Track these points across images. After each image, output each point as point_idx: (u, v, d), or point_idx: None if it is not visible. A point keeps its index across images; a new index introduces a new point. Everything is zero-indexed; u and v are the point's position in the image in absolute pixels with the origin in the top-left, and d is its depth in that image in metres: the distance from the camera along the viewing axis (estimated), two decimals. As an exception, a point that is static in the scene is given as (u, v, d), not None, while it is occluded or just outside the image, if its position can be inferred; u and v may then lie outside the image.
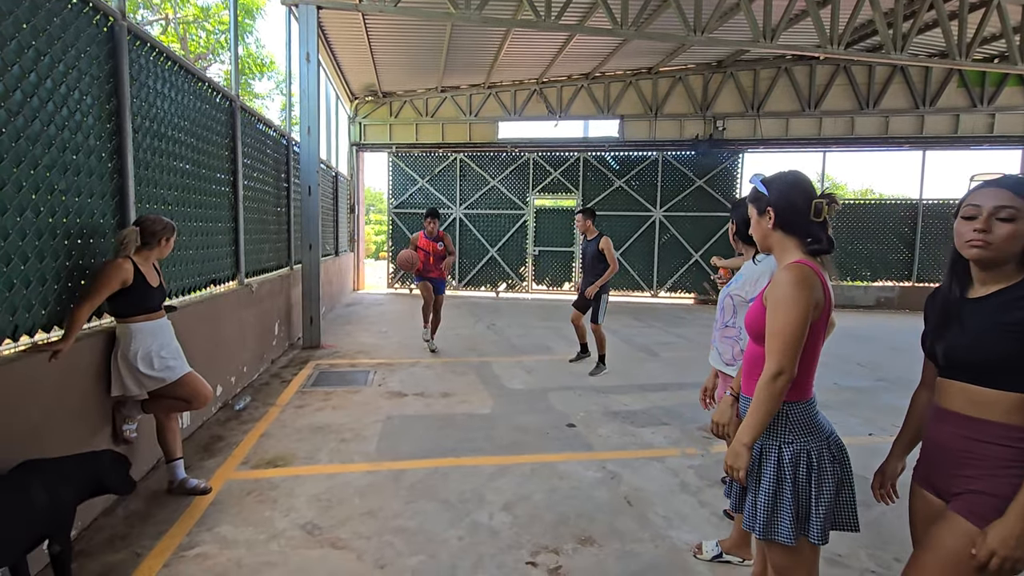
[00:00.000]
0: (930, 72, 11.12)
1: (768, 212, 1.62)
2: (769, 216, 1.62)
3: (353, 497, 2.96)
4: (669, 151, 12.13)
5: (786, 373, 1.48)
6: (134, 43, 3.16)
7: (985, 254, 1.32)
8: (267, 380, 5.23)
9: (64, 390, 2.47)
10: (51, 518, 1.95)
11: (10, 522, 1.80)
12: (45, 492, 1.93)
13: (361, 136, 12.43)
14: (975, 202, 1.35)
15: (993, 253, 1.32)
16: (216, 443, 3.68)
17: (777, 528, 1.53)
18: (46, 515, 1.93)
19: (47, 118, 2.45)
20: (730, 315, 2.46)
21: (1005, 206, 1.29)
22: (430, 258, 6.28)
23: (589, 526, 2.74)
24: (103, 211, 2.88)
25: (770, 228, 1.63)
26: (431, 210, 6.37)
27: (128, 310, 2.68)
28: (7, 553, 1.82)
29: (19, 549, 1.88)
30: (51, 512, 1.94)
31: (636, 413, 4.49)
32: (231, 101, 4.77)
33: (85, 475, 2.14)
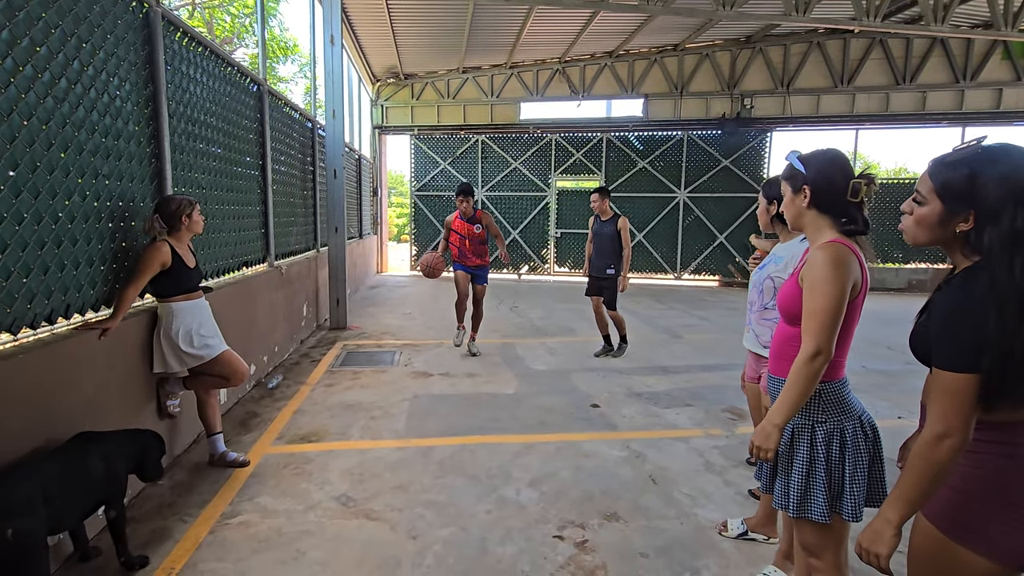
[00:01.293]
0: (972, 44, 10.63)
1: (804, 190, 1.61)
2: (804, 194, 1.60)
3: (384, 472, 3.06)
4: (694, 130, 11.89)
5: (824, 353, 1.48)
6: (168, 29, 3.22)
7: (906, 238, 1.31)
8: (297, 360, 5.38)
9: (113, 366, 2.59)
10: (107, 485, 2.08)
11: (71, 488, 1.92)
12: (101, 461, 2.06)
13: (383, 119, 12.46)
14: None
15: (908, 238, 1.30)
16: (252, 419, 3.82)
17: (811, 506, 1.55)
18: (102, 482, 2.06)
19: (90, 105, 2.53)
20: (770, 297, 2.42)
21: (918, 190, 1.26)
22: (466, 243, 5.40)
23: (614, 503, 2.79)
24: (143, 195, 2.98)
25: (804, 207, 1.61)
26: (463, 187, 5.35)
27: (168, 290, 2.79)
28: (68, 517, 1.95)
29: (79, 514, 2.02)
30: (107, 480, 2.07)
31: (660, 394, 4.50)
32: (259, 85, 4.84)
33: (133, 449, 2.27)
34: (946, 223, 1.19)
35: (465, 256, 5.45)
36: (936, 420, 1.17)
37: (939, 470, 1.16)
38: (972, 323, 1.12)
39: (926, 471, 1.17)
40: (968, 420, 1.14)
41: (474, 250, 5.43)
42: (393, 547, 2.38)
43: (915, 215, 1.25)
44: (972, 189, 1.14)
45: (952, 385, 1.15)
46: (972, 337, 1.12)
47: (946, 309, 1.18)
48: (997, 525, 1.17)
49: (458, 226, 5.45)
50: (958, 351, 1.14)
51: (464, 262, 5.46)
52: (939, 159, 1.23)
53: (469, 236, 5.42)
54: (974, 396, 1.13)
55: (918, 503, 1.20)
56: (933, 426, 1.17)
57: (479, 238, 5.42)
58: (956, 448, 1.14)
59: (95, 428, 2.40)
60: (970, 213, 1.15)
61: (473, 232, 5.41)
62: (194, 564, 2.24)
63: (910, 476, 1.20)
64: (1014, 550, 1.16)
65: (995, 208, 1.11)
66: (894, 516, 1.21)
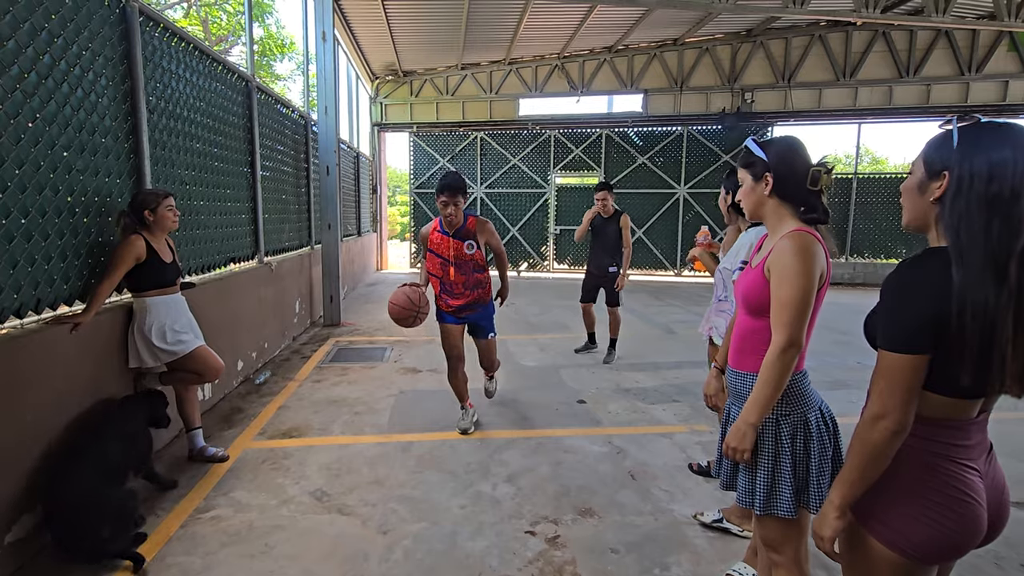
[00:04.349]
0: (977, 36, 10.47)
1: (765, 178, 1.57)
2: (766, 182, 1.57)
3: (362, 467, 3.06)
4: (694, 126, 11.80)
5: (796, 345, 1.46)
6: (147, 24, 3.22)
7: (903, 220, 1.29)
8: (288, 356, 5.39)
9: (86, 361, 2.60)
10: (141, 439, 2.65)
11: (128, 451, 2.50)
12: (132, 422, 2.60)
13: (382, 116, 12.46)
14: None
15: (903, 218, 1.27)
16: (236, 414, 3.83)
17: (777, 502, 1.53)
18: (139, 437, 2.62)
19: (62, 99, 2.54)
20: (721, 289, 2.42)
21: (912, 163, 1.24)
22: (451, 271, 3.34)
23: (590, 498, 2.77)
24: (120, 190, 2.98)
25: (766, 195, 1.58)
26: (447, 180, 3.25)
27: (143, 284, 2.79)
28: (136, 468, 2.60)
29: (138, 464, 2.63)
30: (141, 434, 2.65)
31: (648, 390, 4.47)
32: (247, 82, 4.84)
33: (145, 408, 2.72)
34: (924, 189, 1.16)
35: (451, 292, 3.39)
36: (873, 400, 1.16)
37: (875, 451, 1.14)
38: (918, 301, 1.09)
39: (862, 452, 1.16)
40: (905, 402, 1.11)
41: (467, 282, 3.37)
42: (363, 541, 2.37)
43: (903, 187, 1.23)
44: (949, 151, 1.11)
45: (890, 365, 1.12)
46: (915, 316, 1.09)
47: (893, 287, 1.15)
48: (906, 518, 1.16)
49: (438, 243, 3.35)
50: (899, 330, 1.11)
51: (450, 303, 3.41)
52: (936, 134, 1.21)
53: (457, 260, 3.33)
54: (912, 378, 1.11)
55: (857, 485, 1.19)
56: (870, 407, 1.16)
57: (473, 263, 3.37)
58: (891, 430, 1.12)
59: (66, 419, 2.42)
60: (944, 174, 1.11)
61: (463, 254, 3.32)
62: (162, 558, 2.24)
63: (849, 458, 1.20)
64: (920, 544, 1.14)
65: (969, 169, 1.07)
66: (836, 498, 1.21)
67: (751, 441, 1.53)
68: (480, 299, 3.47)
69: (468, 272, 3.39)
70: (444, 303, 3.47)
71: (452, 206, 3.26)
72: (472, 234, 3.38)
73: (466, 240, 3.36)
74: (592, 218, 5.36)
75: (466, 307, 3.45)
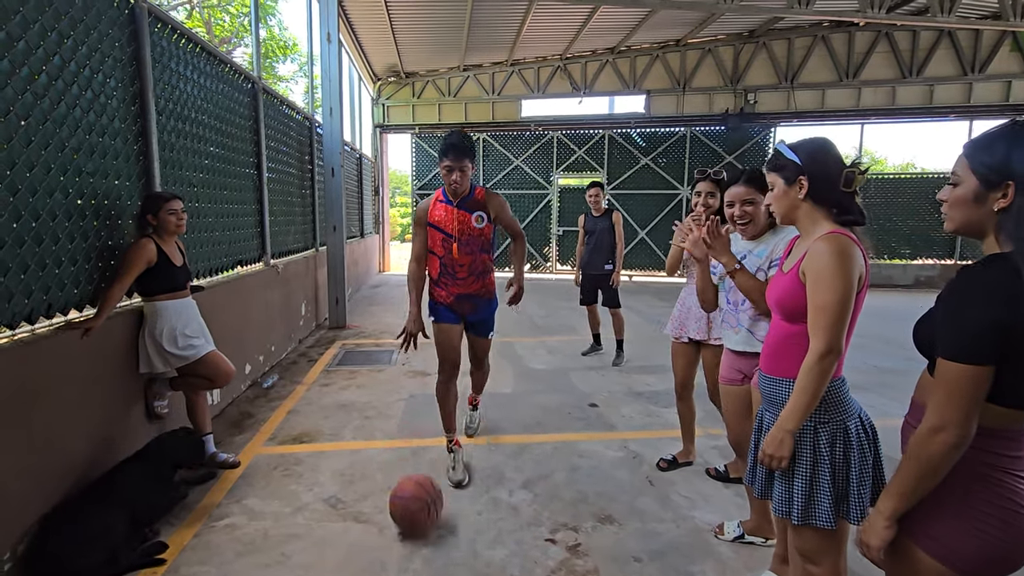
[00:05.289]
0: (980, 36, 10.46)
1: (800, 181, 1.53)
2: (801, 186, 1.53)
3: (376, 472, 3.01)
4: (697, 126, 11.78)
5: (835, 351, 1.42)
6: (155, 25, 3.18)
7: (945, 226, 1.27)
8: (294, 359, 5.35)
9: (97, 367, 2.55)
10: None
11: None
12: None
13: (384, 117, 12.43)
14: None
15: (947, 224, 1.24)
16: (245, 419, 3.78)
17: (816, 512, 1.48)
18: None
19: (72, 101, 2.49)
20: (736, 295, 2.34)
21: (954, 171, 1.21)
22: (454, 249, 2.87)
23: (609, 505, 2.73)
24: (130, 193, 2.94)
25: (800, 199, 1.54)
26: (453, 138, 2.80)
27: (154, 288, 2.75)
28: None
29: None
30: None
31: (660, 393, 4.43)
32: (253, 83, 4.79)
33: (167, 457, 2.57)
34: (982, 199, 1.12)
35: (453, 276, 2.91)
36: (932, 412, 1.12)
37: (932, 464, 1.11)
38: (985, 310, 1.05)
39: (918, 465, 1.13)
40: (967, 415, 1.08)
41: (473, 263, 2.90)
42: (380, 550, 2.33)
43: (951, 197, 1.19)
44: (1009, 162, 1.07)
45: (952, 375, 1.08)
46: (981, 325, 1.05)
47: (957, 294, 1.11)
48: (957, 531, 1.13)
49: (441, 216, 2.89)
50: (963, 339, 1.07)
51: (449, 292, 2.94)
52: (974, 140, 1.17)
53: (462, 235, 2.85)
54: (976, 390, 1.07)
55: (910, 497, 1.16)
56: (929, 418, 1.12)
57: (481, 240, 2.89)
58: (951, 443, 1.09)
59: (77, 428, 2.38)
60: (1008, 186, 1.08)
61: (471, 228, 2.85)
62: (176, 568, 2.20)
63: (904, 469, 1.16)
64: (970, 559, 1.11)
65: None
66: (886, 508, 1.19)
67: (789, 448, 1.50)
68: (484, 291, 3.00)
69: (475, 251, 2.89)
70: (442, 292, 2.97)
71: (458, 171, 2.76)
72: (481, 204, 2.88)
73: (474, 212, 2.86)
74: (584, 221, 5.36)
75: (467, 298, 2.95)
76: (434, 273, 3.00)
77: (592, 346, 5.65)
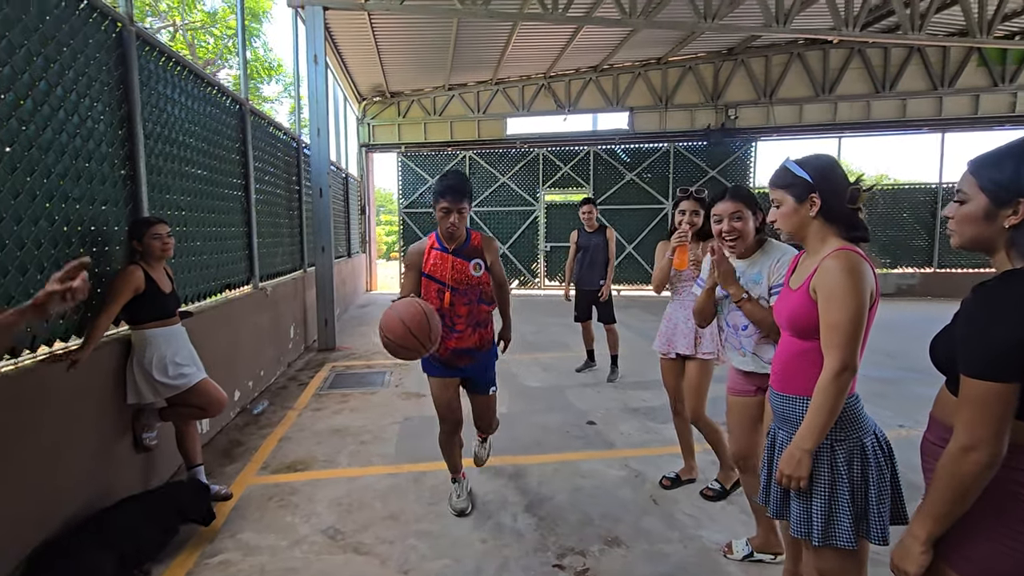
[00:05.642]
0: (948, 52, 10.84)
1: (811, 199, 1.54)
2: (812, 203, 1.54)
3: (374, 501, 2.93)
4: (680, 142, 11.97)
5: (850, 368, 1.42)
6: (143, 48, 3.14)
7: (952, 241, 1.27)
8: (284, 383, 5.23)
9: (83, 399, 2.46)
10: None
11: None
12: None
13: (370, 137, 12.43)
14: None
15: (955, 240, 1.25)
16: (235, 448, 3.67)
17: (837, 532, 1.46)
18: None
19: (58, 126, 2.43)
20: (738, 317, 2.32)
21: (960, 189, 1.20)
22: (447, 298, 2.61)
23: (615, 527, 2.68)
24: (117, 218, 2.86)
25: (811, 216, 1.55)
26: (448, 182, 2.57)
27: (142, 316, 2.67)
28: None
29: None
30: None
31: (656, 409, 4.41)
32: (240, 105, 4.75)
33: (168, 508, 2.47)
34: (992, 217, 1.13)
35: (450, 328, 2.64)
36: (962, 431, 1.10)
37: (966, 485, 1.10)
38: (1004, 328, 1.05)
39: (952, 485, 1.11)
40: (998, 432, 1.07)
41: (470, 314, 2.66)
42: (384, 583, 2.25)
43: (959, 214, 1.19)
44: (1019, 179, 1.08)
45: (980, 394, 1.07)
46: (1003, 343, 1.05)
47: (978, 313, 1.11)
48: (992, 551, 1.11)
49: (435, 264, 2.63)
50: (989, 357, 1.07)
51: (446, 344, 2.64)
52: (979, 157, 1.18)
53: (459, 284, 2.62)
54: (1004, 407, 1.06)
55: (946, 519, 1.14)
56: (959, 438, 1.11)
57: (480, 290, 2.66)
58: (984, 462, 1.07)
59: (62, 464, 2.28)
60: (1019, 203, 1.09)
61: (468, 277, 2.63)
62: (170, 610, 2.10)
63: (936, 490, 1.14)
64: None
65: None
66: (921, 532, 1.16)
67: (807, 468, 1.48)
68: (482, 343, 2.72)
69: (472, 301, 2.64)
70: (438, 350, 2.62)
71: (456, 214, 2.54)
72: (479, 252, 2.66)
73: (472, 259, 2.64)
74: (577, 237, 5.38)
75: (465, 353, 2.68)
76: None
77: (586, 362, 5.63)
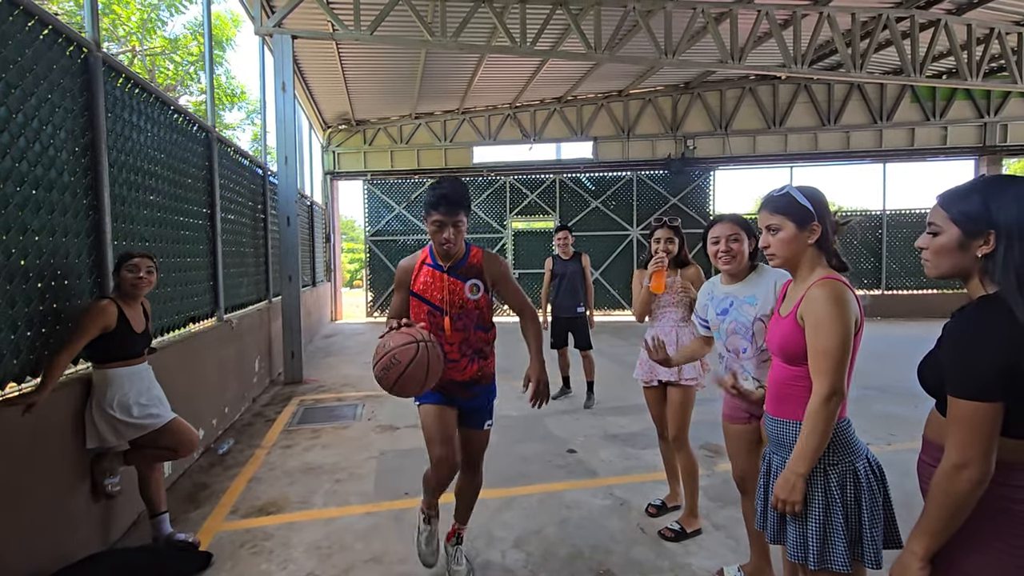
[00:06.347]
0: (885, 89, 11.66)
1: (812, 227, 1.60)
2: (812, 232, 1.60)
3: (355, 543, 2.80)
4: (643, 171, 12.35)
5: (839, 393, 1.46)
6: (109, 75, 3.03)
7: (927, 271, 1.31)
8: (249, 420, 4.99)
9: (39, 445, 2.27)
10: None
11: None
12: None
13: (335, 165, 12.32)
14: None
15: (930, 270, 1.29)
16: (201, 492, 3.45)
17: (832, 556, 1.48)
18: None
19: (19, 154, 2.31)
20: (763, 339, 2.34)
21: (932, 222, 1.27)
22: (445, 323, 2.29)
23: (606, 558, 2.63)
24: (79, 250, 2.71)
25: (809, 244, 1.61)
26: (441, 190, 2.18)
27: (106, 356, 2.51)
28: None
29: None
30: None
31: (636, 435, 4.42)
32: (207, 132, 4.64)
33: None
34: (965, 247, 1.20)
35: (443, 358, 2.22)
36: (953, 450, 1.15)
37: (960, 501, 1.14)
38: (987, 350, 1.11)
39: (946, 503, 1.15)
40: (987, 450, 1.12)
41: (466, 342, 2.33)
42: (371, 633, 2.13)
43: (933, 246, 1.26)
44: (987, 211, 1.16)
45: (968, 414, 1.13)
46: (987, 364, 1.11)
47: (959, 337, 1.17)
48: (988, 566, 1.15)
49: (427, 283, 2.30)
50: (972, 379, 1.13)
51: (444, 376, 2.24)
52: (947, 192, 1.26)
53: (453, 307, 2.29)
54: (991, 426, 1.11)
55: (942, 535, 1.17)
56: (950, 456, 1.15)
57: (477, 314, 2.33)
58: (975, 480, 1.12)
59: (16, 517, 2.08)
60: (989, 233, 1.16)
61: (464, 300, 2.29)
62: (136, 677, 1.92)
63: (932, 508, 1.18)
64: None
65: (1017, 226, 1.13)
66: (919, 548, 1.19)
67: (801, 492, 1.51)
68: (481, 375, 2.36)
69: (469, 327, 2.29)
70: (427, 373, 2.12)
71: (451, 228, 2.16)
72: (478, 271, 2.28)
73: (468, 280, 2.27)
74: (553, 265, 5.42)
75: (461, 386, 2.32)
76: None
77: (562, 389, 5.62)
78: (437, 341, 2.16)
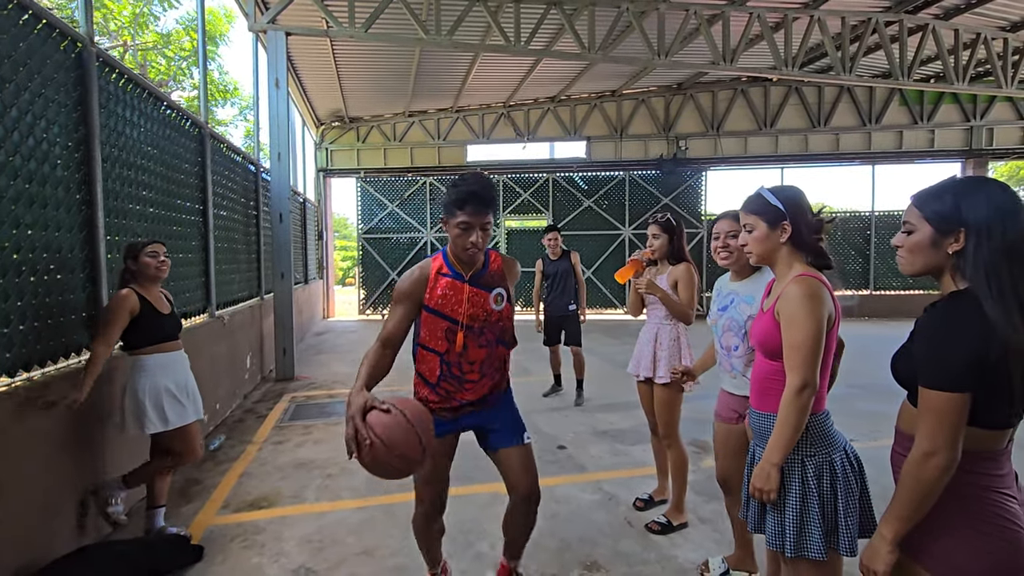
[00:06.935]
0: (874, 92, 11.80)
1: (783, 226, 1.65)
2: (783, 230, 1.65)
3: (346, 536, 2.83)
4: (635, 171, 12.43)
5: (811, 386, 1.51)
6: (103, 70, 3.04)
7: (902, 268, 1.38)
8: (241, 416, 5.00)
9: (35, 438, 2.28)
10: None
11: None
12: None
13: (328, 162, 12.29)
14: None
15: (904, 267, 1.35)
16: (192, 487, 3.47)
17: (808, 544, 1.53)
18: None
19: (12, 148, 2.32)
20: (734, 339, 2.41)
21: (907, 220, 1.33)
22: (460, 341, 1.95)
23: (593, 551, 2.69)
24: (71, 245, 2.72)
25: (781, 242, 1.66)
26: (470, 187, 1.84)
27: (139, 340, 2.57)
28: None
29: None
30: None
31: (625, 431, 4.47)
32: (200, 128, 4.64)
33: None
34: (938, 244, 1.25)
35: (458, 383, 2.02)
36: (923, 438, 1.21)
37: (928, 487, 1.20)
38: (958, 343, 1.17)
39: (916, 488, 1.21)
40: (954, 439, 1.17)
41: (488, 359, 2.05)
42: (362, 623, 2.17)
43: (908, 243, 1.31)
44: (959, 211, 1.21)
45: (938, 404, 1.18)
46: (957, 357, 1.16)
47: (932, 330, 1.22)
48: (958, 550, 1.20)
49: (446, 295, 1.96)
50: (943, 371, 1.18)
51: (450, 401, 2.04)
52: (922, 191, 1.31)
53: (475, 322, 1.98)
54: (959, 416, 1.17)
55: (910, 520, 1.23)
56: (920, 444, 1.21)
57: (500, 327, 2.05)
58: (943, 466, 1.18)
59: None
60: (960, 231, 1.21)
61: (488, 312, 2.00)
62: (129, 666, 1.94)
63: (901, 494, 1.24)
64: (967, 572, 1.19)
65: (986, 224, 1.18)
66: (888, 533, 1.25)
67: (776, 481, 1.56)
68: (497, 386, 2.10)
69: (491, 343, 2.01)
70: (436, 398, 2.01)
71: (478, 231, 1.86)
72: (500, 278, 2.02)
73: (493, 289, 1.99)
74: (543, 265, 5.47)
75: (472, 403, 2.04)
76: (431, 376, 2.00)
77: (553, 387, 5.67)
78: (452, 362, 1.95)
